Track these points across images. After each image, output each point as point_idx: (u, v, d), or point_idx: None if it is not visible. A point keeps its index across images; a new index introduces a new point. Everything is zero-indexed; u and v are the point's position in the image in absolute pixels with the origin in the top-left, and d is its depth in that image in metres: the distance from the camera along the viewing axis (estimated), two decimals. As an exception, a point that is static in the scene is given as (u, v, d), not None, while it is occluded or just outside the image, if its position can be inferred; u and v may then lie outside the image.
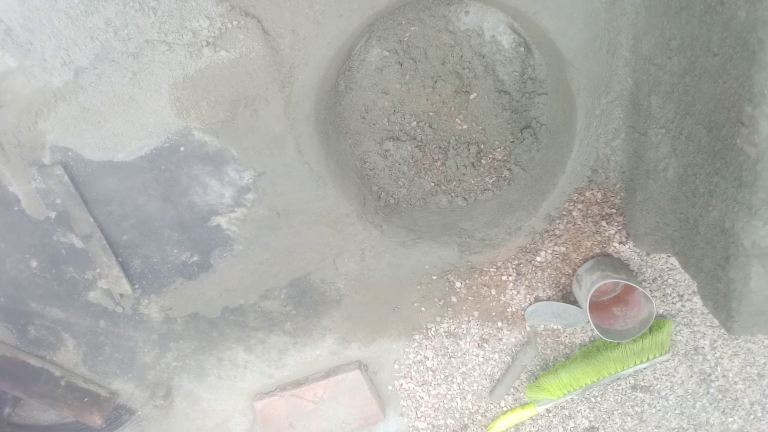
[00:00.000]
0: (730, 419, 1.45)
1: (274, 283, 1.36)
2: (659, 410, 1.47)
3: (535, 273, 1.35)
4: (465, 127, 1.35)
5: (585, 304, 1.24)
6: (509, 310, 1.40)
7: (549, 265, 1.34)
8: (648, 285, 1.33)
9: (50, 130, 1.14)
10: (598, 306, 1.34)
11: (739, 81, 0.78)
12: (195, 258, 1.30)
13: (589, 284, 1.24)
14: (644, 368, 1.39)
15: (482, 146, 1.36)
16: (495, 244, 1.33)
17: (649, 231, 1.16)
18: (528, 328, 1.42)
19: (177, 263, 1.31)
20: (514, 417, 1.48)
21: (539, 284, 1.36)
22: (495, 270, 1.36)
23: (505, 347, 1.44)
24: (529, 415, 1.48)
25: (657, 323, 1.33)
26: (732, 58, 0.79)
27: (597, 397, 1.47)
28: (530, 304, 1.37)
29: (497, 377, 1.47)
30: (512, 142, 1.35)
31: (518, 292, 1.37)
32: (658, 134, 1.03)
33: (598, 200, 1.25)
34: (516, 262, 1.35)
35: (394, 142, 1.36)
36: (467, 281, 1.38)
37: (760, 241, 0.82)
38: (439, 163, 1.38)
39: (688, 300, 1.34)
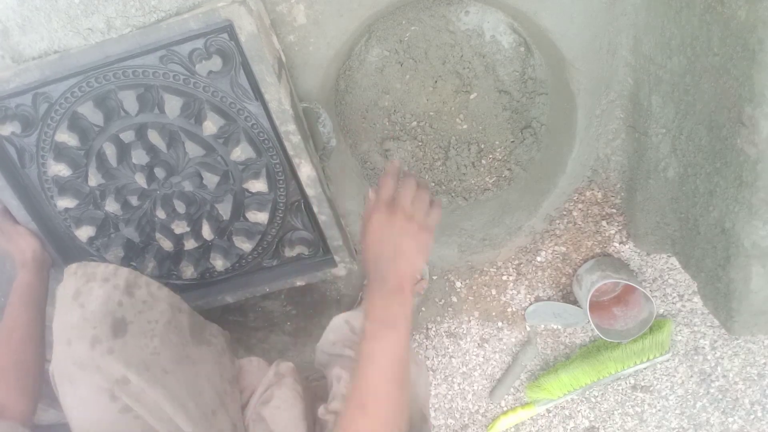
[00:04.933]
0: (731, 419, 1.45)
1: (274, 283, 1.36)
2: (659, 410, 1.47)
3: (536, 273, 1.35)
4: (465, 126, 1.35)
5: (585, 304, 1.24)
6: (509, 310, 1.40)
7: (549, 265, 1.34)
8: (648, 285, 1.33)
9: (50, 130, 1.14)
10: (598, 306, 1.34)
11: (739, 81, 0.78)
12: (195, 258, 1.30)
13: (589, 284, 1.24)
14: (644, 368, 1.39)
15: (482, 146, 1.36)
16: (495, 244, 1.33)
17: (649, 231, 1.16)
18: (528, 328, 1.42)
19: (177, 263, 1.31)
20: (515, 417, 1.48)
21: (539, 284, 1.36)
22: (495, 270, 1.36)
23: (505, 347, 1.44)
24: (529, 415, 1.48)
25: (657, 323, 1.33)
26: (732, 58, 0.79)
27: (597, 397, 1.47)
28: (530, 304, 1.37)
29: (497, 377, 1.47)
30: (512, 142, 1.35)
31: (518, 292, 1.37)
32: (658, 134, 1.03)
33: (599, 200, 1.25)
34: (516, 262, 1.35)
35: (395, 142, 1.36)
36: (467, 281, 1.38)
37: (760, 241, 0.82)
38: (439, 162, 1.38)
39: (689, 300, 1.34)
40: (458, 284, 1.38)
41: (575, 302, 1.35)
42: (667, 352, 1.37)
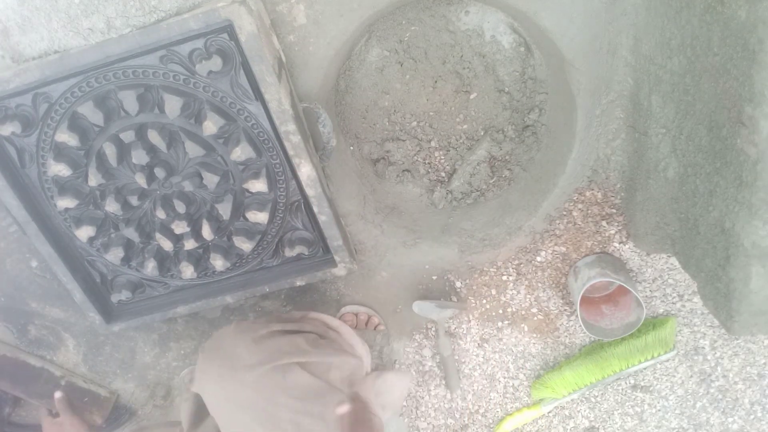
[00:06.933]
0: (730, 419, 1.45)
1: (274, 283, 1.36)
2: (659, 410, 1.47)
3: (535, 273, 1.35)
4: (465, 126, 1.35)
5: (577, 296, 1.24)
6: (509, 310, 1.40)
7: (549, 265, 1.34)
8: (648, 285, 1.33)
9: (50, 130, 1.14)
10: (587, 301, 1.34)
11: (739, 81, 0.78)
12: (195, 258, 1.30)
13: (585, 278, 1.24)
14: (648, 367, 1.39)
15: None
16: (495, 244, 1.33)
17: (649, 231, 1.16)
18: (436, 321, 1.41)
19: (177, 263, 1.31)
20: (521, 417, 1.48)
21: (539, 284, 1.36)
22: (495, 270, 1.36)
23: (505, 347, 1.44)
24: (535, 416, 1.48)
25: (660, 321, 1.33)
26: (732, 58, 0.79)
27: (597, 397, 1.47)
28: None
29: (497, 377, 1.47)
30: (512, 141, 1.35)
31: (518, 292, 1.37)
32: (658, 134, 1.03)
33: (599, 200, 1.25)
34: (516, 262, 1.35)
35: (395, 142, 1.36)
36: (467, 281, 1.38)
37: (760, 241, 0.82)
38: (440, 162, 1.38)
39: (688, 300, 1.34)
40: (458, 284, 1.38)
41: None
42: (671, 350, 1.37)
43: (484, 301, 1.39)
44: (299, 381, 0.95)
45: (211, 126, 1.02)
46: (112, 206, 1.11)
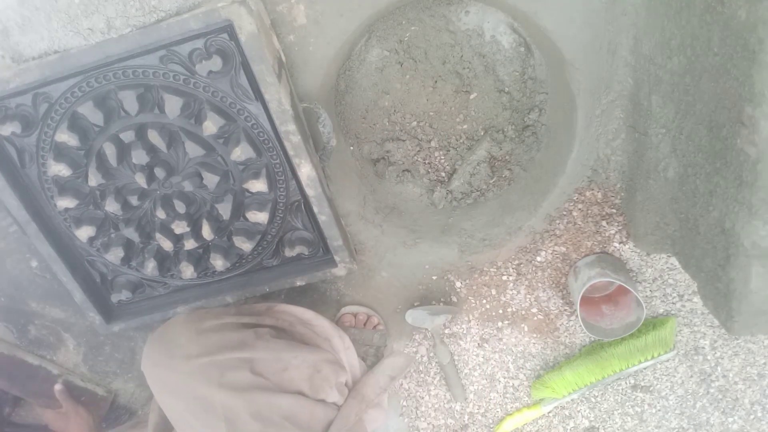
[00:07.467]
0: (730, 419, 1.45)
1: (274, 283, 1.36)
2: (659, 410, 1.47)
3: (535, 273, 1.35)
4: (465, 126, 1.35)
5: (577, 296, 1.24)
6: (509, 310, 1.40)
7: (549, 265, 1.34)
8: (648, 285, 1.33)
9: (50, 130, 1.14)
10: (588, 301, 1.34)
11: (739, 81, 0.78)
12: (195, 258, 1.30)
13: (585, 278, 1.24)
14: (649, 366, 1.39)
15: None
16: (495, 244, 1.33)
17: (649, 231, 1.16)
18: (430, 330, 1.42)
19: (177, 263, 1.31)
20: (521, 418, 1.48)
21: (539, 284, 1.36)
22: (495, 270, 1.36)
23: (505, 347, 1.44)
24: (535, 416, 1.48)
25: (660, 321, 1.33)
26: (732, 58, 0.79)
27: (597, 397, 1.47)
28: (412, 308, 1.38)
29: (497, 377, 1.47)
30: (512, 141, 1.35)
31: (518, 292, 1.37)
32: (658, 134, 1.03)
33: (599, 200, 1.25)
34: (516, 262, 1.35)
35: (395, 143, 1.36)
36: (467, 281, 1.38)
37: (760, 241, 0.82)
38: (440, 163, 1.38)
39: (689, 300, 1.34)
40: (458, 284, 1.38)
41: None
42: (671, 350, 1.37)
43: (484, 301, 1.39)
44: (239, 380, 0.93)
45: (211, 126, 1.02)
46: (112, 206, 1.11)
